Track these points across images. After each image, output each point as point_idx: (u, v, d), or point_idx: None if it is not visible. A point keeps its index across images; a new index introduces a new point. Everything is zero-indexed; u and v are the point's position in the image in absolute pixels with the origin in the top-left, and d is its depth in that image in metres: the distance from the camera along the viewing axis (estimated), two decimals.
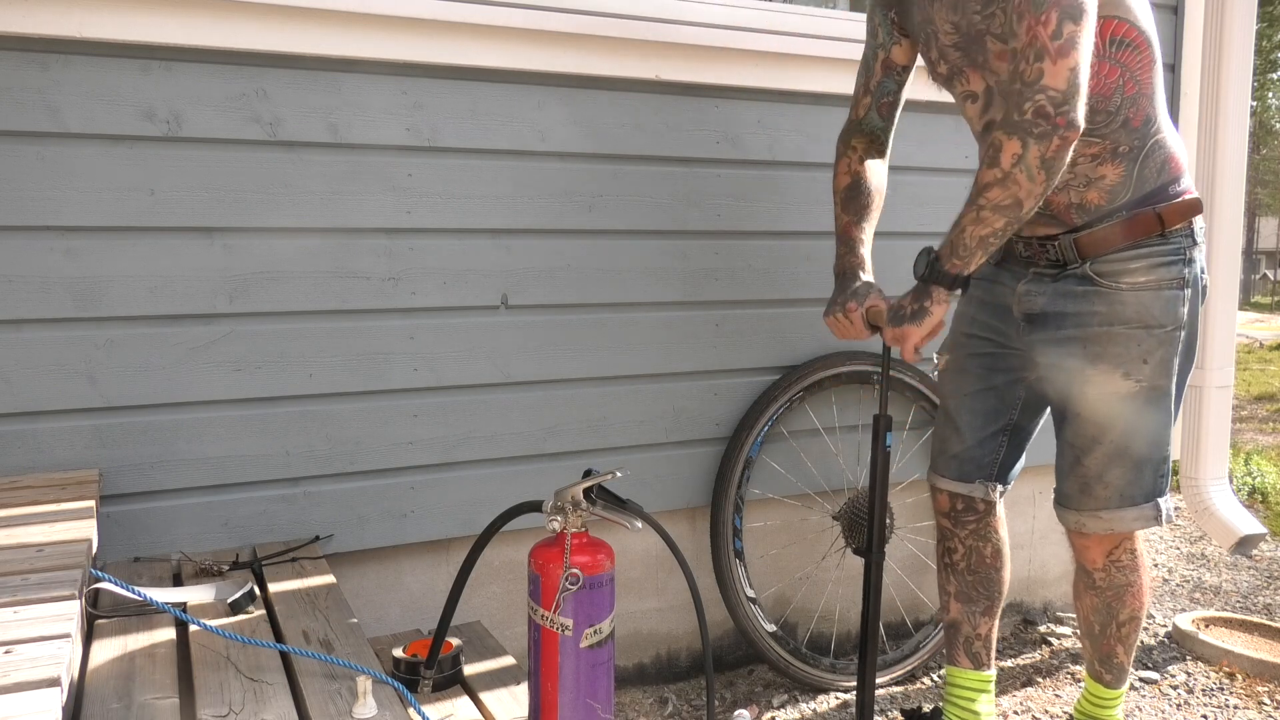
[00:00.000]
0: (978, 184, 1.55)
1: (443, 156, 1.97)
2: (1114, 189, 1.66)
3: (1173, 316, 1.66)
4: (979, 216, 1.54)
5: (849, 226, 1.85)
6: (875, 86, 1.87)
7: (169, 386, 1.81)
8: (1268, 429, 6.45)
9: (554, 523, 1.40)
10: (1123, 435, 1.70)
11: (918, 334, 1.62)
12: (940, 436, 1.95)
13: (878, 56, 1.86)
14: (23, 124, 1.67)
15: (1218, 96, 2.78)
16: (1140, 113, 1.63)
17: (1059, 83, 1.46)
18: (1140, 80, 1.62)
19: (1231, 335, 2.92)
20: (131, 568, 1.73)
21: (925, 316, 1.61)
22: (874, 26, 1.86)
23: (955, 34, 1.65)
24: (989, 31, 1.60)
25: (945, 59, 1.71)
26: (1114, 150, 1.64)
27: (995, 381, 1.87)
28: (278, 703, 1.19)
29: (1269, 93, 30.12)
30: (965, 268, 1.59)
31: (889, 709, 2.31)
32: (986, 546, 1.94)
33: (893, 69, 1.86)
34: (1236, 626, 2.72)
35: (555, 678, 1.39)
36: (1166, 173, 1.67)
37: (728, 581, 2.26)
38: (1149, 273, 1.66)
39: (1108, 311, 1.67)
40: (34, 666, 0.97)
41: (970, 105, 1.75)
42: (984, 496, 1.91)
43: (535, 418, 2.11)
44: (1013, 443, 1.92)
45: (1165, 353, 1.67)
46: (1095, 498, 1.74)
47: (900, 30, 1.82)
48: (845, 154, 1.90)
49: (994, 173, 1.52)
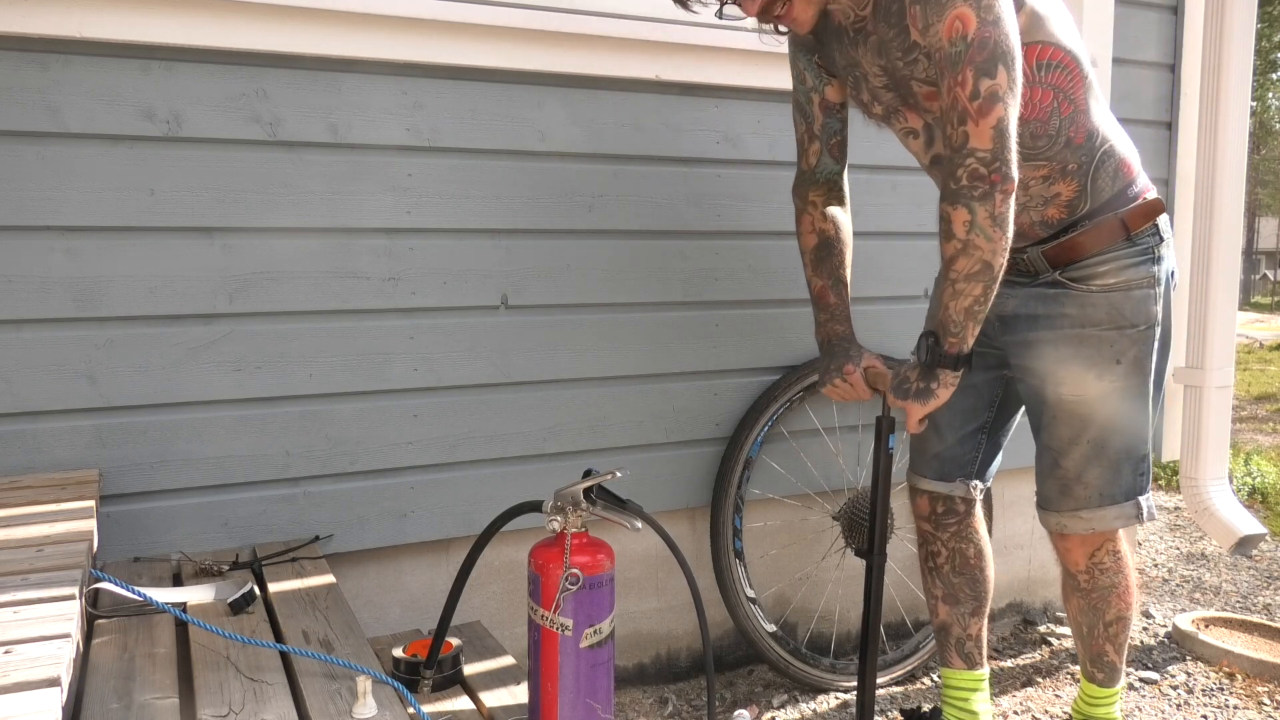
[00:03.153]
0: (944, 260, 1.56)
1: (443, 156, 1.97)
2: (1071, 203, 1.67)
3: (1145, 315, 1.67)
4: (955, 290, 1.55)
5: (824, 292, 1.84)
6: (820, 129, 1.84)
7: (169, 386, 1.81)
8: (1268, 429, 6.45)
9: (554, 523, 1.40)
10: (1099, 435, 1.70)
11: (922, 411, 1.64)
12: (920, 437, 1.94)
13: (812, 100, 1.82)
14: (23, 124, 1.67)
15: (1218, 96, 2.78)
16: (1081, 130, 1.64)
17: (985, 142, 1.46)
18: (1074, 98, 1.62)
19: (1231, 335, 2.92)
20: (131, 568, 1.73)
21: (931, 398, 1.62)
22: (799, 71, 1.82)
23: (884, 75, 1.64)
24: (914, 76, 1.59)
25: (878, 100, 1.70)
26: (1063, 169, 1.64)
27: (974, 380, 1.87)
28: (278, 703, 1.19)
29: (1269, 93, 30.11)
30: (963, 345, 1.59)
31: (889, 709, 2.31)
32: (969, 548, 1.95)
33: (831, 108, 1.82)
34: (1236, 626, 2.72)
35: (555, 678, 1.39)
36: (1121, 178, 1.68)
37: (728, 581, 2.26)
38: (1119, 274, 1.67)
39: (1079, 314, 1.68)
40: (34, 666, 0.97)
41: (913, 141, 1.74)
42: (964, 495, 1.91)
43: (535, 418, 2.11)
44: (991, 441, 1.93)
45: (1139, 352, 1.68)
46: (1075, 498, 1.74)
47: (828, 72, 1.79)
48: (806, 210, 1.86)
49: (954, 244, 1.53)
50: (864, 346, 1.81)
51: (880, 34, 1.59)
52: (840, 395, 1.80)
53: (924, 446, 1.94)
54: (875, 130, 1.83)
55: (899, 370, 1.68)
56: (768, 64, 2.21)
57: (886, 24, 1.57)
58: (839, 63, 1.72)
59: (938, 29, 1.47)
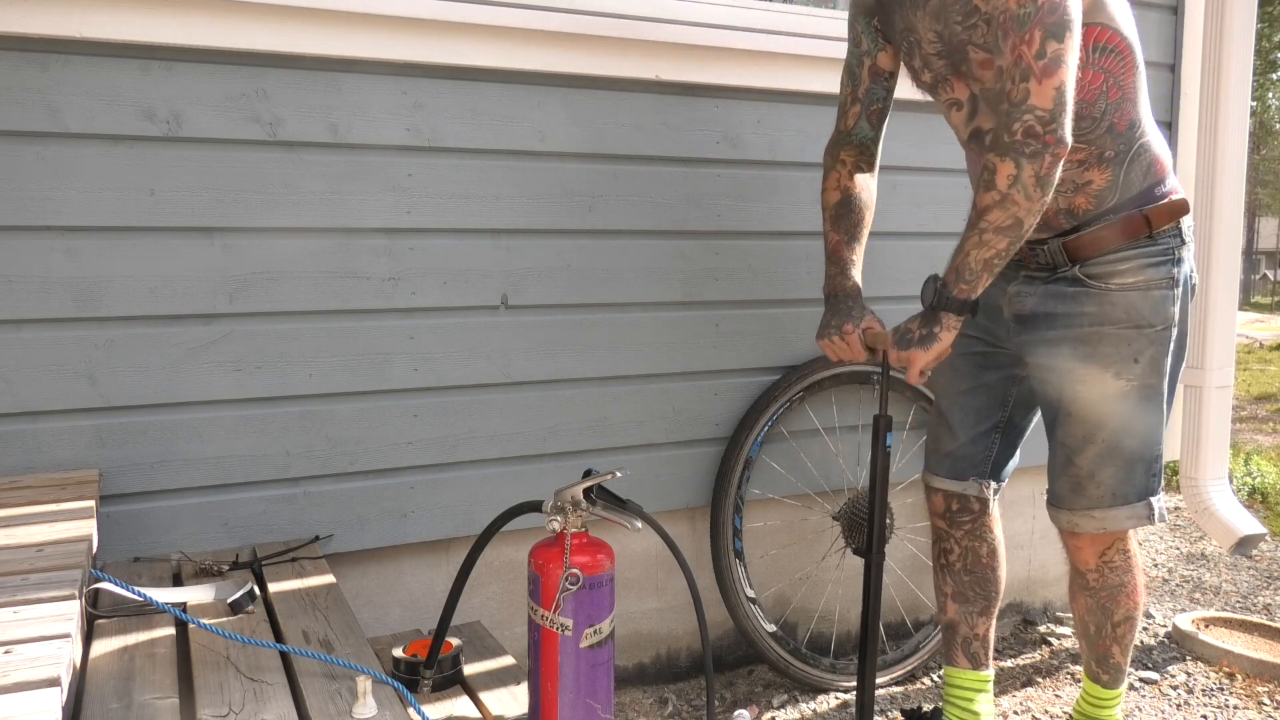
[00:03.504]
0: (977, 208, 1.55)
1: (443, 156, 1.97)
2: (1101, 193, 1.66)
3: (1163, 316, 1.67)
4: (982, 240, 1.55)
5: (839, 246, 1.83)
6: (864, 94, 1.84)
7: (169, 386, 1.81)
8: (1268, 429, 6.45)
9: (554, 523, 1.40)
10: (1114, 434, 1.70)
11: (924, 358, 1.63)
12: (934, 435, 1.96)
13: (863, 64, 1.83)
14: (23, 124, 1.67)
15: (1218, 96, 2.78)
16: (1125, 117, 1.64)
17: (1045, 102, 1.47)
18: (1124, 85, 1.63)
19: (1231, 335, 2.92)
20: (131, 568, 1.73)
21: (934, 342, 1.62)
22: (856, 35, 1.83)
23: (939, 42, 1.65)
24: (971, 41, 1.59)
25: (929, 67, 1.71)
26: (1100, 155, 1.64)
27: (987, 379, 1.87)
28: (278, 703, 1.19)
29: (1269, 93, 30.11)
30: (972, 292, 1.59)
31: (889, 709, 2.31)
32: (983, 546, 1.95)
33: (880, 75, 1.83)
34: (1236, 626, 2.72)
35: (555, 678, 1.39)
36: (1152, 175, 1.68)
37: (728, 581, 2.26)
38: (1138, 273, 1.66)
39: (1097, 312, 1.68)
40: (34, 666, 0.97)
41: (955, 113, 1.75)
42: (978, 494, 1.91)
43: (535, 418, 2.11)
44: (1005, 440, 1.93)
45: (1155, 352, 1.68)
46: (1087, 497, 1.74)
47: (884, 36, 1.80)
48: (835, 168, 1.87)
49: (992, 195, 1.53)
50: (868, 308, 1.78)
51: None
52: (835, 353, 1.79)
53: (937, 445, 1.94)
54: None
55: (900, 325, 1.67)
56: (768, 64, 2.21)
57: None
58: (897, 25, 1.72)
59: None
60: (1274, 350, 11.72)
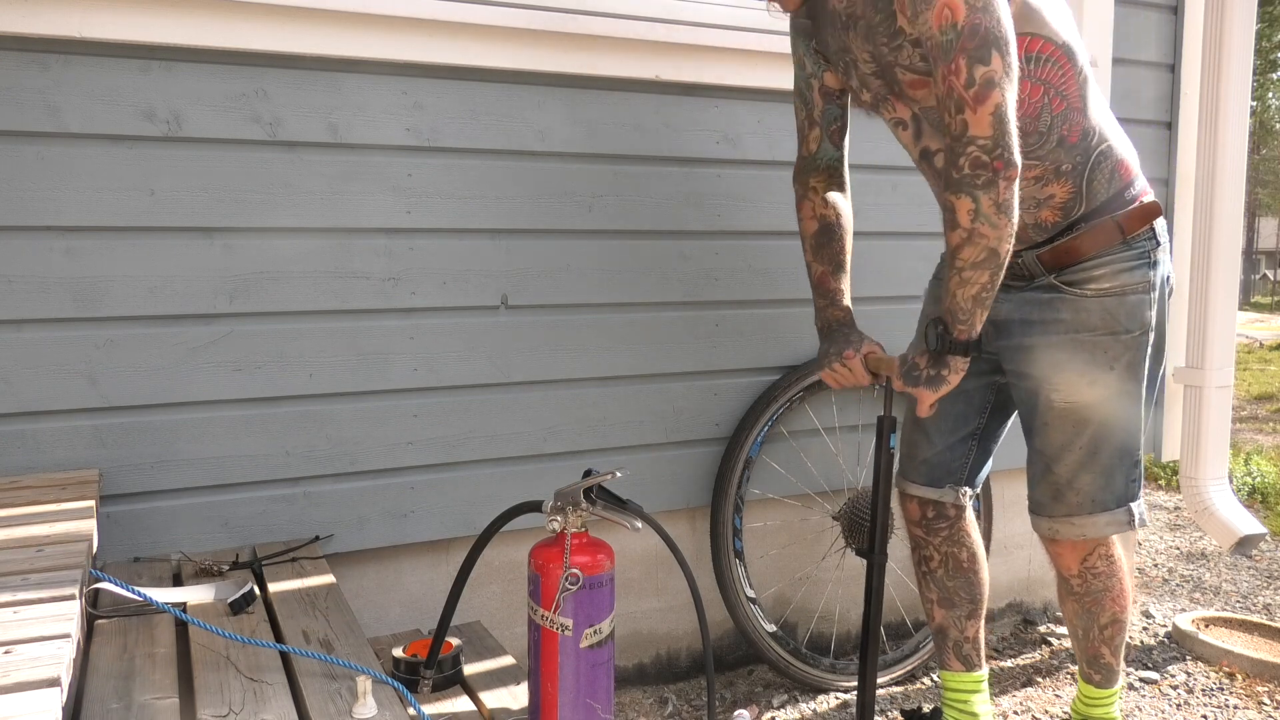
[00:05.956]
0: (949, 249, 1.55)
1: (443, 156, 1.97)
2: (1066, 205, 1.65)
3: (1139, 321, 1.66)
4: (963, 279, 1.55)
5: (824, 277, 1.82)
6: (820, 116, 1.82)
7: (169, 386, 1.81)
8: (1268, 429, 6.45)
9: (554, 523, 1.40)
10: (1092, 441, 1.69)
11: (933, 397, 1.65)
12: (909, 442, 1.94)
13: (812, 85, 1.81)
14: (23, 124, 1.67)
15: (1218, 96, 2.78)
16: (1075, 128, 1.62)
17: (984, 130, 1.45)
18: (1067, 94, 1.60)
19: (1231, 335, 2.91)
20: (131, 568, 1.73)
21: (942, 384, 1.63)
22: (799, 57, 1.81)
23: (873, 63, 1.63)
24: (898, 63, 1.58)
25: (867, 87, 1.69)
26: (1056, 170, 1.63)
27: (965, 386, 1.86)
28: (278, 703, 1.19)
29: (1269, 93, 30.09)
30: (971, 331, 1.59)
31: (889, 709, 2.31)
32: (962, 551, 1.94)
33: (831, 94, 1.81)
34: (1236, 626, 2.72)
35: (555, 678, 1.39)
36: (1118, 180, 1.66)
37: (728, 581, 2.26)
38: (1114, 279, 1.66)
39: (1073, 319, 1.67)
40: (34, 666, 0.97)
41: (902, 132, 1.73)
42: (954, 501, 1.91)
43: (535, 418, 2.11)
44: (981, 447, 1.92)
45: (1132, 357, 1.67)
46: (1067, 504, 1.74)
47: (824, 58, 1.78)
48: (807, 196, 1.85)
49: (959, 234, 1.52)
50: (864, 333, 1.79)
51: (868, 19, 1.58)
52: (838, 381, 1.78)
53: (913, 452, 1.92)
54: (875, 130, 1.83)
55: (906, 357, 1.67)
56: (768, 64, 2.21)
57: (874, 9, 1.56)
58: (831, 47, 1.71)
59: (927, 17, 1.46)
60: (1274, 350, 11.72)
